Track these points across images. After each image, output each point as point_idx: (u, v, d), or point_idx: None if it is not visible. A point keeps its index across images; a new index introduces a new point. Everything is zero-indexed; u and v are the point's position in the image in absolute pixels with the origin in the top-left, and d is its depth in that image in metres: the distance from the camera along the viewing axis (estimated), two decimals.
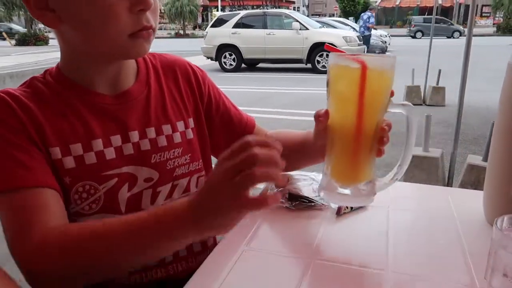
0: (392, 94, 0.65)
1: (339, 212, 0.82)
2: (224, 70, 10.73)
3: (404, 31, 29.47)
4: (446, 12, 39.34)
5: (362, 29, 11.25)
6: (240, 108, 0.95)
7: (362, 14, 11.41)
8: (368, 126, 0.63)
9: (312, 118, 0.70)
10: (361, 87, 0.59)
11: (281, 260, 0.70)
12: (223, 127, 0.89)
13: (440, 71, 5.63)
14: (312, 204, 0.85)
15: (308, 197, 0.86)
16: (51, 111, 0.69)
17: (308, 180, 0.94)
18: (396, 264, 0.66)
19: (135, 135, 0.75)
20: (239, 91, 7.49)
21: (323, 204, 0.85)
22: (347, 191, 0.66)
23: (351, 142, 0.64)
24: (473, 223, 0.79)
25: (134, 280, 0.79)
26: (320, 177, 0.96)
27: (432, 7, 5.83)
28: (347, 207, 0.84)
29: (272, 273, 0.67)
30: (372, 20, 11.13)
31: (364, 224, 0.81)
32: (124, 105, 0.74)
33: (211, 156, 0.90)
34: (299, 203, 0.85)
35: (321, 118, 0.67)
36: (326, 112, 0.66)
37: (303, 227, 0.80)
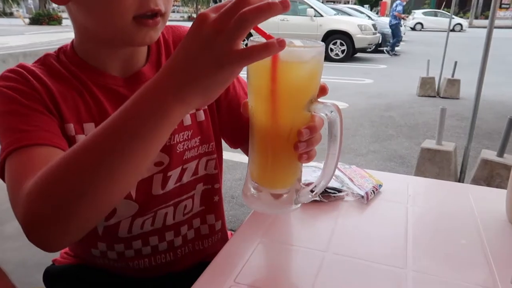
0: (324, 91, 0.54)
1: (367, 199, 0.83)
2: None
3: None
4: (464, 2, 38.44)
5: (390, 17, 11.03)
6: None
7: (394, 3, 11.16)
8: (277, 126, 0.52)
9: None
10: (271, 79, 0.49)
11: (297, 252, 0.69)
12: (229, 113, 0.83)
13: (456, 63, 5.53)
14: (341, 194, 0.85)
15: (336, 188, 0.85)
16: (66, 88, 0.68)
17: (311, 168, 0.93)
18: (416, 262, 0.64)
19: None
20: None
21: (353, 193, 0.85)
22: (256, 195, 0.57)
23: (261, 141, 0.55)
24: (495, 223, 0.77)
25: (143, 264, 0.79)
26: (323, 165, 0.96)
27: None
28: (372, 193, 0.84)
29: (288, 265, 0.66)
30: (400, 8, 10.74)
31: (382, 220, 0.79)
32: (135, 87, 0.71)
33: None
34: (328, 195, 0.84)
35: (241, 109, 0.57)
36: (245, 103, 0.56)
37: (319, 220, 0.79)
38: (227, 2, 0.43)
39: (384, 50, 11.24)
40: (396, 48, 11.15)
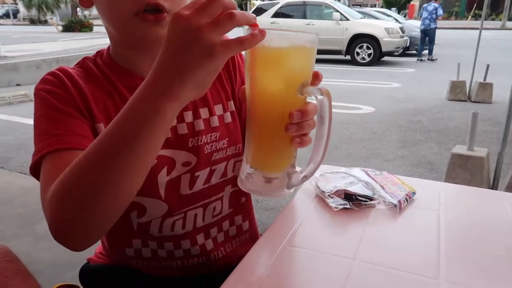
0: (317, 77, 0.54)
1: (400, 207, 0.81)
2: None
3: (452, 23, 28.05)
4: (497, 3, 37.29)
5: (427, 21, 9.88)
6: None
7: (426, 5, 10.22)
8: (270, 108, 0.54)
9: (349, 111, 0.62)
10: (261, 62, 0.52)
11: (323, 259, 0.67)
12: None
13: (488, 66, 5.35)
14: (373, 202, 0.83)
15: (367, 196, 0.84)
16: (98, 89, 0.72)
17: (341, 174, 0.92)
18: (449, 273, 0.62)
19: None
20: None
21: (385, 201, 0.83)
22: (250, 177, 0.58)
23: (256, 124, 0.57)
24: None
25: (176, 265, 0.80)
26: (353, 171, 0.94)
27: None
28: (405, 201, 0.82)
29: (313, 271, 0.65)
30: (441, 12, 9.99)
31: (412, 227, 0.77)
32: None
33: None
34: (358, 203, 0.83)
35: (239, 94, 0.60)
36: (242, 88, 0.58)
37: (348, 227, 0.77)
38: (199, 0, 0.46)
39: (417, 59, 10.36)
40: (425, 51, 10.79)
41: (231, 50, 0.46)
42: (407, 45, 10.86)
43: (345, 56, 10.06)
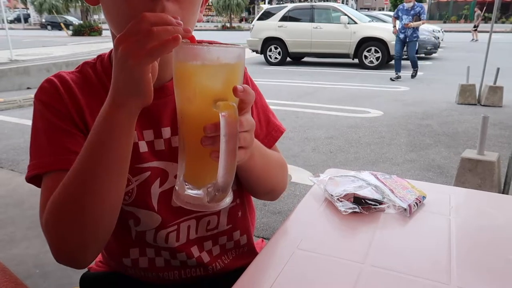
0: (234, 93, 0.52)
1: (410, 211, 0.81)
2: (269, 63, 10.72)
3: (461, 26, 27.79)
4: (507, 6, 36.94)
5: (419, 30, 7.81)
6: (283, 102, 0.87)
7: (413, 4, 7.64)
8: (186, 122, 0.55)
9: (357, 114, 0.60)
10: (174, 77, 0.54)
11: (333, 263, 0.67)
12: None
13: (498, 69, 5.30)
14: (382, 206, 0.82)
15: (377, 199, 0.83)
16: (94, 100, 0.69)
17: (350, 178, 0.91)
18: (461, 278, 0.61)
19: (167, 131, 0.73)
20: (283, 85, 7.45)
21: (395, 205, 0.82)
22: (177, 187, 0.58)
23: (180, 136, 0.57)
24: None
25: (173, 276, 0.79)
26: (362, 175, 0.93)
27: (492, 0, 5.45)
28: (415, 205, 0.82)
29: (322, 276, 0.64)
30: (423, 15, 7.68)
31: (422, 232, 0.76)
32: (159, 101, 0.71)
33: None
34: (368, 206, 0.82)
35: None
36: None
37: (357, 231, 0.76)
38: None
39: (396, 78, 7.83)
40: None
41: (144, 61, 0.49)
42: (416, 48, 10.79)
43: (353, 59, 10.03)
